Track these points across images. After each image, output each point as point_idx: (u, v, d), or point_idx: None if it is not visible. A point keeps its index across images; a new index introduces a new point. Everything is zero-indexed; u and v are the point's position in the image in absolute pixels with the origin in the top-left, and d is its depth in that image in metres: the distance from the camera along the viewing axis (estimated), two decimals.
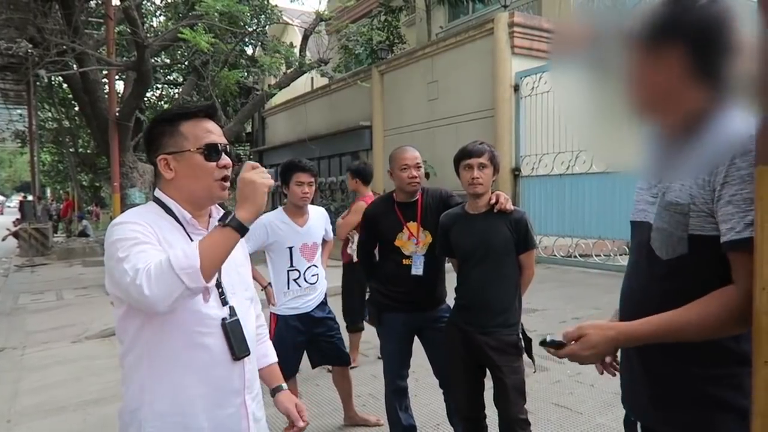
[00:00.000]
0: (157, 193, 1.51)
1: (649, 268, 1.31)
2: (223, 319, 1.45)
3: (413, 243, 2.92)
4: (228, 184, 1.50)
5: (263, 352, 1.75)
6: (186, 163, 1.45)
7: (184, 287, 1.22)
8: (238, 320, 1.48)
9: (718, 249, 1.15)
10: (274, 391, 1.70)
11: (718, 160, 1.15)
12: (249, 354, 1.50)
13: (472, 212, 2.59)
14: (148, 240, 1.34)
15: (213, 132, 1.48)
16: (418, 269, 2.90)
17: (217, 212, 1.57)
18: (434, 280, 2.95)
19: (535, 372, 2.60)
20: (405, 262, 2.93)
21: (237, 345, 1.46)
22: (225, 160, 1.48)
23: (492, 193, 2.56)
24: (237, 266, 1.58)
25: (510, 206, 2.54)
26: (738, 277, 1.13)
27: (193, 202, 1.49)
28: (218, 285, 1.47)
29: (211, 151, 1.45)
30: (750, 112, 1.09)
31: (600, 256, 9.16)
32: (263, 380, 1.72)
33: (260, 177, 1.33)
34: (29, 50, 9.82)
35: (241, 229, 1.30)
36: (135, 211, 1.47)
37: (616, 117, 1.31)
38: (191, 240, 1.46)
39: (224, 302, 1.47)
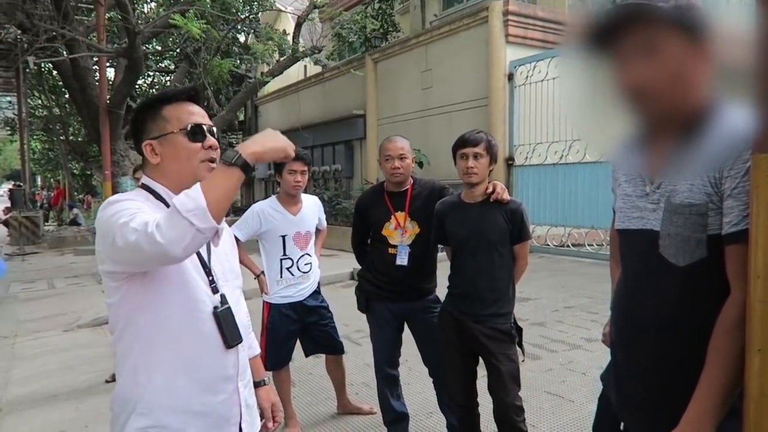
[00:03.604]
0: (145, 179, 1.48)
1: (660, 277, 1.26)
2: (215, 308, 1.44)
3: (399, 233, 2.93)
4: (215, 165, 1.45)
5: (248, 343, 1.75)
6: (170, 145, 1.43)
7: (195, 229, 1.17)
8: (229, 308, 1.47)
9: None
10: (256, 385, 1.71)
11: (727, 155, 1.13)
12: (241, 342, 1.50)
13: (467, 201, 2.58)
14: (147, 212, 1.31)
15: (196, 113, 1.45)
16: (402, 259, 2.90)
17: None
18: (420, 271, 2.95)
19: (523, 361, 2.61)
20: (390, 251, 2.94)
21: (229, 333, 1.45)
22: (210, 140, 1.45)
23: (489, 182, 2.56)
24: (227, 254, 1.57)
25: (506, 196, 2.53)
26: (736, 274, 1.11)
27: (181, 186, 1.41)
28: (209, 273, 1.46)
29: (195, 132, 1.43)
30: (746, 103, 1.08)
31: (593, 245, 9.20)
32: None
33: (283, 140, 1.31)
34: (18, 36, 9.70)
35: (246, 169, 1.24)
36: (126, 194, 1.44)
37: (622, 109, 1.26)
38: None
39: (215, 290, 1.46)
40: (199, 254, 1.45)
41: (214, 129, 1.50)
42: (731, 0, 1.33)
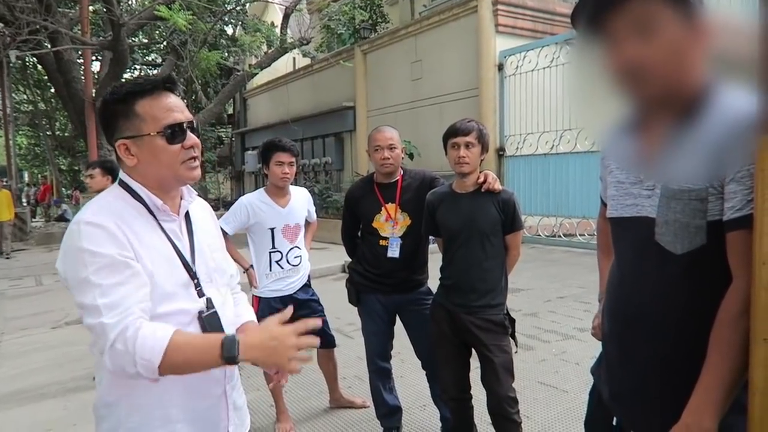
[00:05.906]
0: (123, 176, 1.37)
1: (657, 265, 1.21)
2: (200, 312, 1.36)
3: (390, 225, 2.89)
4: (197, 163, 1.36)
5: (238, 312, 1.57)
6: (147, 148, 1.30)
7: (136, 371, 1.16)
8: (215, 312, 1.38)
9: None
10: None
11: (731, 140, 1.08)
12: None
13: (459, 191, 2.54)
14: (124, 257, 1.22)
15: (174, 109, 1.31)
16: (394, 252, 2.87)
17: (189, 194, 1.45)
18: (411, 263, 2.92)
19: (516, 352, 2.59)
20: (382, 243, 2.90)
21: None
22: (191, 139, 1.32)
23: (480, 172, 2.52)
24: (212, 252, 1.47)
25: (498, 186, 2.49)
26: (739, 261, 1.07)
27: (161, 187, 1.35)
28: (193, 276, 1.37)
29: (174, 132, 1.30)
30: (749, 84, 1.04)
31: (584, 235, 9.21)
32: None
33: (292, 356, 1.21)
34: (0, 29, 9.52)
35: (232, 363, 1.20)
36: (102, 203, 1.32)
37: (618, 94, 1.21)
38: (162, 229, 1.34)
39: (200, 294, 1.37)
40: (182, 257, 1.36)
41: (195, 122, 1.38)
42: None
